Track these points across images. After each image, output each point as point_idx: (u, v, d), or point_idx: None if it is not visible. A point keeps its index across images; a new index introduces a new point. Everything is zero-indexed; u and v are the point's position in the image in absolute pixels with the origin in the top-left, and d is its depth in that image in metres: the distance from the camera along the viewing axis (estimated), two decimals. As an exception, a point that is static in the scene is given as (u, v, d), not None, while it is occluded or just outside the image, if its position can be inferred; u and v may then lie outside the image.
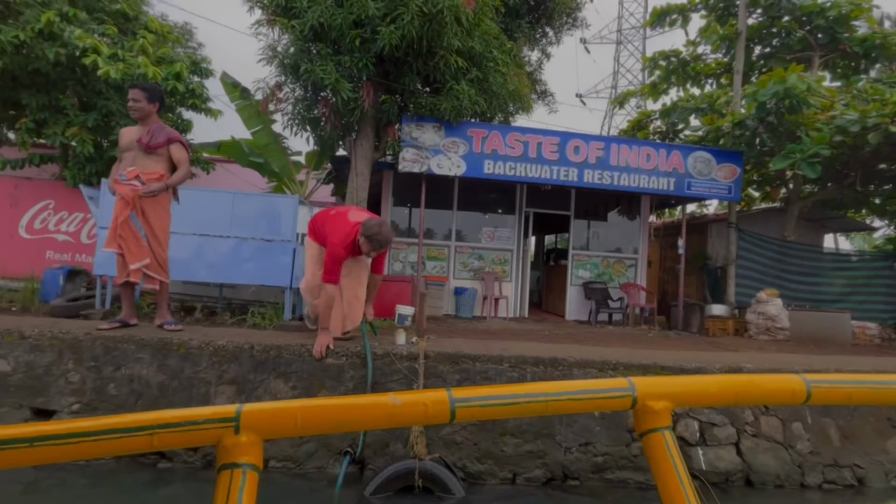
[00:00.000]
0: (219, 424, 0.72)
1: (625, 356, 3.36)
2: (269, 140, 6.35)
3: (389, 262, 8.33)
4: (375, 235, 3.17)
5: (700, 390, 0.99)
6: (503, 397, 0.85)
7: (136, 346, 3.03)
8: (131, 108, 3.51)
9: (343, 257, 3.22)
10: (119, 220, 3.35)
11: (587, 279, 9.06)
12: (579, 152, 7.00)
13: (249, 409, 0.73)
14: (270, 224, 5.15)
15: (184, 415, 0.72)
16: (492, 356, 3.02)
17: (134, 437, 0.69)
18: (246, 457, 0.71)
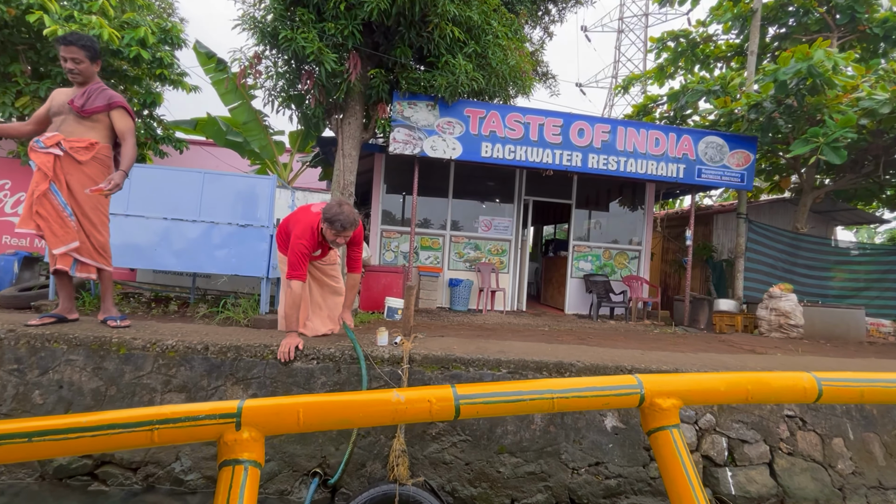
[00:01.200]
0: (220, 420, 0.72)
1: (638, 360, 2.94)
2: (248, 117, 5.84)
3: (381, 251, 7.87)
4: (336, 216, 2.79)
5: (709, 388, 0.96)
6: (509, 394, 0.84)
7: (67, 346, 2.54)
8: (71, 71, 2.96)
9: (307, 250, 2.83)
10: (36, 195, 2.81)
11: (588, 271, 8.65)
12: (584, 135, 6.52)
13: (251, 406, 0.74)
14: (245, 207, 4.67)
15: (184, 410, 0.71)
16: (487, 360, 2.59)
17: (134, 433, 0.68)
18: (248, 453, 0.72)
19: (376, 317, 5.79)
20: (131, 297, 5.56)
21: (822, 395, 1.01)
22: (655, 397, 0.92)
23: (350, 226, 2.82)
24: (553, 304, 9.44)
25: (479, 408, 0.84)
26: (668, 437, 0.91)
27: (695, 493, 0.87)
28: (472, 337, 4.21)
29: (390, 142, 6.05)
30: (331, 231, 2.82)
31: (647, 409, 0.93)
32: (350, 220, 2.83)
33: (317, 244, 2.93)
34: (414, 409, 0.81)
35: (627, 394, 0.92)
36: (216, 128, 5.93)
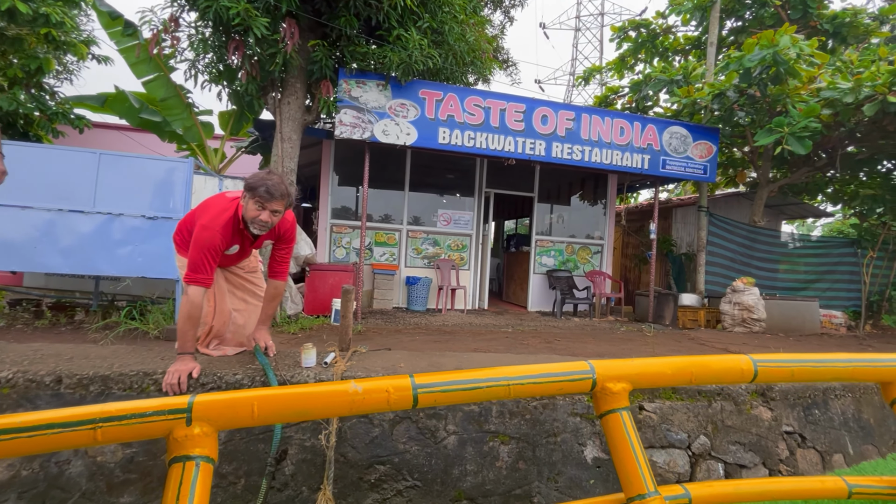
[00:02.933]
0: (169, 416, 0.69)
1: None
2: (166, 93, 4.99)
3: (331, 248, 7.18)
4: (261, 181, 2.20)
5: (657, 372, 1.03)
6: (466, 382, 0.85)
7: None
8: None
9: (217, 244, 2.16)
10: None
11: (551, 267, 8.34)
12: (547, 122, 6.12)
13: (203, 400, 0.71)
14: (154, 196, 3.90)
15: (131, 407, 0.68)
16: (443, 381, 2.12)
17: (75, 432, 0.65)
18: (199, 448, 0.69)
19: (321, 321, 5.15)
20: (18, 304, 4.62)
21: (757, 376, 1.08)
22: (606, 382, 0.95)
23: (279, 195, 2.21)
24: (515, 301, 9.09)
25: (436, 396, 0.85)
26: (619, 419, 0.93)
27: (641, 472, 0.90)
28: (427, 345, 3.68)
29: (336, 125, 5.39)
30: (253, 203, 2.19)
31: (598, 394, 0.96)
32: (278, 187, 2.22)
33: (231, 237, 2.28)
34: (371, 400, 0.81)
35: (580, 379, 0.94)
36: (127, 104, 5.01)
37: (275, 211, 2.25)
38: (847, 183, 9.16)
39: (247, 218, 2.24)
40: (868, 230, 8.16)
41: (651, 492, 0.93)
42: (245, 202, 2.25)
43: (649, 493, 0.93)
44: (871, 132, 6.55)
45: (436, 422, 2.06)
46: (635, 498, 0.93)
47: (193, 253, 2.13)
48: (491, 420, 1.98)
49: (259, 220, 2.22)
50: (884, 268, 8.10)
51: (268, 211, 2.22)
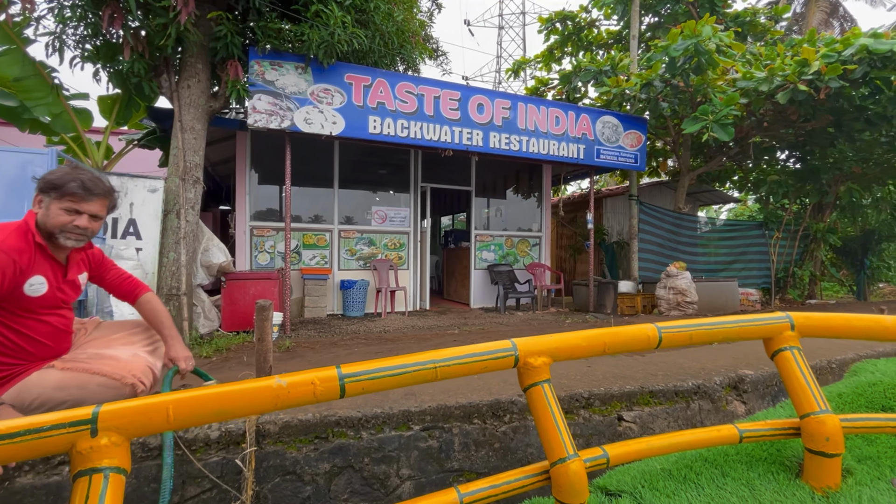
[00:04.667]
0: (70, 429, 0.64)
1: (583, 375, 2.26)
2: (23, 71, 3.99)
3: (251, 253, 6.39)
4: (70, 176, 1.56)
5: (573, 345, 1.10)
6: (393, 368, 0.85)
7: None
8: None
9: None
10: None
11: (491, 262, 8.16)
12: (483, 111, 5.85)
13: (109, 409, 0.67)
14: (3, 198, 3.05)
15: (25, 423, 0.62)
16: (390, 414, 1.63)
17: None
18: (108, 460, 0.65)
19: (242, 339, 4.46)
20: None
21: (662, 341, 1.18)
22: (528, 357, 1.01)
23: (99, 192, 1.60)
24: (457, 299, 8.82)
25: (364, 384, 0.84)
26: (540, 391, 1.00)
27: (562, 438, 0.98)
28: (368, 358, 3.22)
29: (249, 113, 4.69)
30: (59, 206, 1.53)
31: (521, 369, 1.02)
32: (97, 182, 1.61)
33: (27, 253, 1.53)
34: (297, 393, 0.79)
35: (504, 356, 0.98)
36: (-33, 85, 3.93)
37: (95, 216, 1.62)
38: (751, 171, 9.97)
39: (50, 227, 1.55)
40: (773, 213, 8.89)
41: (571, 455, 0.97)
42: (45, 208, 1.56)
43: (569, 455, 0.97)
44: (775, 122, 7.06)
45: (385, 467, 1.64)
46: (557, 462, 0.97)
47: None
48: (454, 455, 1.61)
49: (73, 226, 1.56)
50: (787, 247, 8.88)
51: (86, 215, 1.58)
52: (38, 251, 1.57)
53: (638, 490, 1.27)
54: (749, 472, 1.44)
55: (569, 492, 0.98)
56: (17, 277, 1.48)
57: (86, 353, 1.70)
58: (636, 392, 2.02)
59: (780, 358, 1.47)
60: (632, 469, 1.36)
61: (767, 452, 1.53)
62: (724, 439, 1.40)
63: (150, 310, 1.96)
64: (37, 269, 1.56)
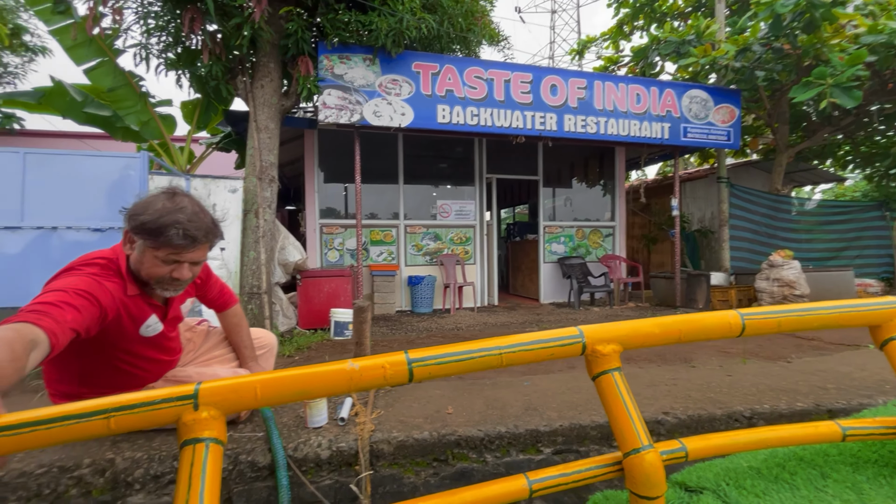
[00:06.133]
0: (177, 403, 0.72)
1: (728, 387, 1.88)
2: (115, 81, 4.19)
3: (322, 251, 6.45)
4: (169, 217, 1.28)
5: (645, 332, 1.03)
6: (459, 353, 0.84)
7: None
8: None
9: (89, 291, 1.22)
10: None
11: (562, 254, 7.72)
12: (557, 92, 5.45)
13: (207, 386, 0.74)
14: (100, 201, 3.14)
15: (140, 397, 0.71)
16: (516, 434, 1.38)
17: (91, 423, 0.67)
18: (208, 431, 0.72)
19: (320, 337, 4.44)
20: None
21: (745, 329, 1.09)
22: (596, 344, 0.96)
23: (203, 236, 1.33)
24: (525, 294, 8.47)
25: (431, 369, 0.83)
26: (611, 379, 0.95)
27: (635, 427, 0.92)
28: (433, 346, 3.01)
29: (320, 108, 4.65)
30: (155, 255, 1.30)
31: (590, 357, 0.97)
32: (200, 223, 1.33)
33: (121, 302, 1.32)
34: (369, 376, 0.80)
35: (571, 343, 0.94)
36: (68, 99, 4.17)
37: (197, 263, 1.38)
38: (862, 143, 8.68)
39: (145, 277, 1.34)
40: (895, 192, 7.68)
41: (646, 445, 0.91)
42: (138, 252, 1.32)
43: (644, 446, 0.91)
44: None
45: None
46: (631, 452, 0.91)
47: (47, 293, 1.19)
48: (595, 486, 1.33)
49: (171, 279, 1.34)
50: (913, 230, 7.64)
51: (186, 264, 1.34)
52: (138, 299, 1.38)
53: (721, 487, 1.17)
54: (855, 474, 1.28)
55: (644, 483, 0.91)
56: (115, 326, 1.32)
57: (188, 372, 1.60)
58: (810, 410, 1.64)
59: (892, 347, 1.30)
60: (713, 466, 1.25)
61: (878, 454, 1.35)
62: (823, 437, 1.27)
63: (234, 324, 1.84)
64: (144, 315, 1.41)
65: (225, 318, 1.84)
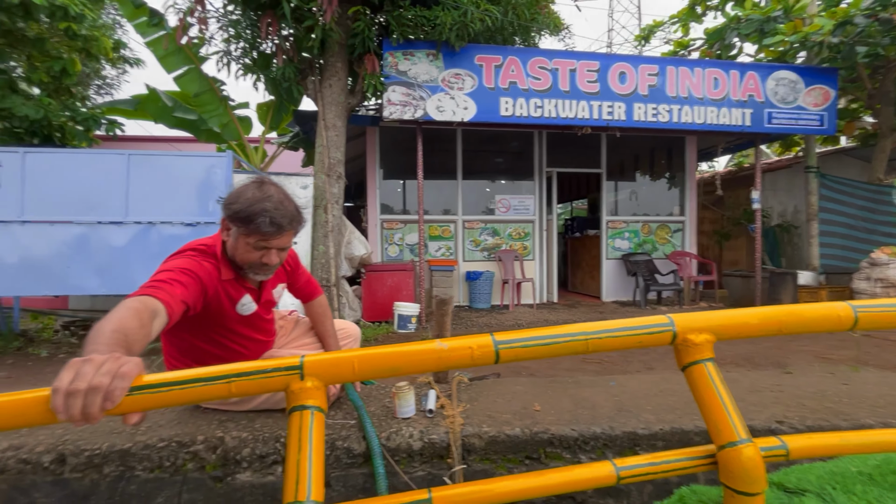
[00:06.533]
0: (286, 373, 0.78)
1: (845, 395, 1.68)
2: (200, 87, 4.52)
3: (382, 245, 6.59)
4: (259, 206, 1.35)
5: (741, 322, 0.99)
6: (544, 338, 0.86)
7: None
8: None
9: (192, 269, 1.32)
10: None
11: (626, 250, 7.38)
12: (626, 80, 5.19)
13: (310, 359, 0.80)
14: (191, 198, 3.38)
15: (256, 365, 0.79)
16: (613, 437, 1.31)
17: (215, 386, 0.76)
18: (312, 400, 0.78)
19: (385, 329, 4.54)
20: (69, 328, 4.29)
21: (858, 322, 1.00)
22: (688, 333, 0.93)
23: (288, 223, 1.40)
24: (585, 291, 8.19)
25: (517, 352, 0.87)
26: (703, 369, 0.92)
27: (731, 419, 0.90)
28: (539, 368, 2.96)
29: (384, 105, 4.73)
30: (247, 242, 1.38)
31: (680, 346, 0.94)
32: (285, 210, 1.39)
33: (219, 283, 1.44)
34: (457, 356, 0.84)
35: (660, 332, 0.92)
36: (160, 104, 4.58)
37: (283, 248, 1.46)
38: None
39: (239, 262, 1.43)
40: None
41: (743, 439, 0.88)
42: (233, 239, 1.41)
43: (741, 440, 0.88)
44: None
45: (613, 502, 1.34)
46: (726, 445, 0.88)
47: (158, 272, 1.29)
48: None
49: (261, 264, 1.43)
50: None
51: (274, 250, 1.43)
52: (232, 283, 1.49)
53: (827, 491, 1.09)
54: None
55: (742, 478, 0.88)
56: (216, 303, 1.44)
57: (283, 353, 1.68)
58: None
59: None
60: (815, 468, 1.15)
61: None
62: None
63: (320, 314, 1.91)
64: (239, 294, 1.51)
65: (311, 309, 1.91)
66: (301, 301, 1.94)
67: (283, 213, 1.38)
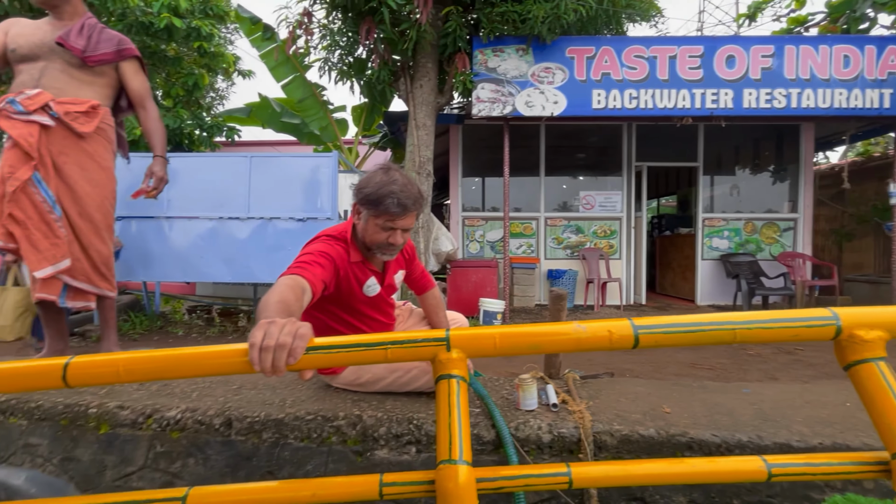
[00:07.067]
0: (434, 344, 0.84)
1: None
2: (304, 93, 4.90)
3: (464, 242, 6.67)
4: (386, 188, 1.46)
5: None
6: (687, 325, 0.83)
7: (28, 422, 1.65)
8: None
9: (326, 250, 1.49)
10: (11, 188, 1.82)
11: (725, 250, 6.79)
12: (735, 64, 4.76)
13: (455, 333, 0.85)
14: (303, 196, 3.67)
15: (408, 335, 0.86)
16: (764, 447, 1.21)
17: (374, 351, 0.83)
18: (456, 370, 0.84)
19: (472, 324, 4.60)
20: (194, 312, 4.87)
21: None
22: (855, 329, 0.84)
23: (412, 204, 1.50)
24: (675, 294, 7.66)
25: (657, 338, 0.84)
26: (874, 369, 0.84)
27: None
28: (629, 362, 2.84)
29: (473, 102, 4.77)
30: (376, 223, 1.50)
31: (844, 342, 0.85)
32: (409, 192, 1.49)
33: (355, 264, 1.60)
34: (595, 338, 0.84)
35: (821, 325, 0.83)
36: (269, 111, 5.06)
37: (407, 229, 1.55)
38: None
39: (368, 242, 1.55)
40: None
41: None
42: (363, 221, 1.53)
43: None
44: None
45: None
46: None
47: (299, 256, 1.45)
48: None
49: (388, 244, 1.53)
50: None
51: (399, 231, 1.52)
52: (359, 265, 1.61)
53: None
54: None
55: None
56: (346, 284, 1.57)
57: None
58: None
59: None
60: None
61: None
62: None
63: (434, 305, 1.99)
64: (365, 276, 1.64)
65: (425, 300, 2.00)
66: (415, 292, 2.04)
67: (408, 195, 1.49)
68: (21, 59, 1.95)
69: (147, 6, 4.16)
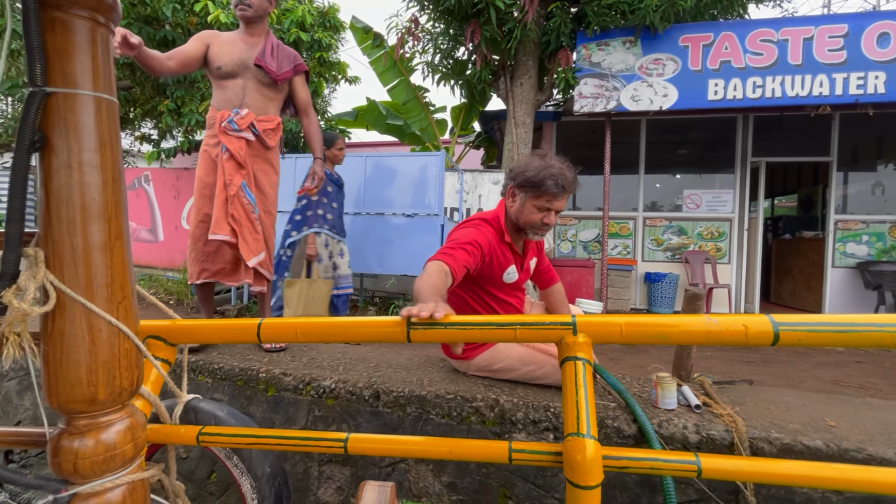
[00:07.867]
0: (561, 327, 0.88)
1: None
2: (407, 96, 5.15)
3: (555, 241, 6.55)
4: (547, 171, 1.55)
5: None
6: (839, 324, 0.74)
7: (212, 381, 1.89)
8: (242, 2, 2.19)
9: (474, 237, 1.59)
10: (231, 192, 2.12)
11: (863, 257, 5.92)
12: (889, 43, 4.14)
13: (582, 320, 0.88)
14: (411, 193, 3.87)
15: (537, 318, 0.90)
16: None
17: (504, 330, 0.89)
18: (581, 353, 0.87)
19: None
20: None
21: None
22: None
23: (570, 186, 1.58)
24: (795, 304, 6.85)
25: (801, 335, 0.76)
26: None
27: None
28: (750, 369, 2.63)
29: (575, 98, 4.67)
30: (534, 204, 1.59)
31: None
32: (568, 176, 1.58)
33: (500, 247, 1.69)
34: (728, 332, 0.80)
35: None
36: (376, 113, 5.41)
37: (559, 210, 1.64)
38: None
39: (523, 223, 1.64)
40: None
41: None
42: (519, 203, 1.63)
43: None
44: None
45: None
46: None
47: (446, 245, 1.58)
48: None
49: (542, 224, 1.62)
50: None
51: (553, 212, 1.61)
52: (507, 247, 1.72)
53: None
54: None
55: None
56: (487, 251, 1.66)
57: None
58: None
59: None
60: None
61: None
62: None
63: (558, 300, 2.03)
64: (508, 257, 1.73)
65: (550, 294, 2.02)
66: (540, 287, 2.07)
67: (566, 178, 1.58)
68: (224, 76, 2.25)
69: (277, 24, 4.68)
